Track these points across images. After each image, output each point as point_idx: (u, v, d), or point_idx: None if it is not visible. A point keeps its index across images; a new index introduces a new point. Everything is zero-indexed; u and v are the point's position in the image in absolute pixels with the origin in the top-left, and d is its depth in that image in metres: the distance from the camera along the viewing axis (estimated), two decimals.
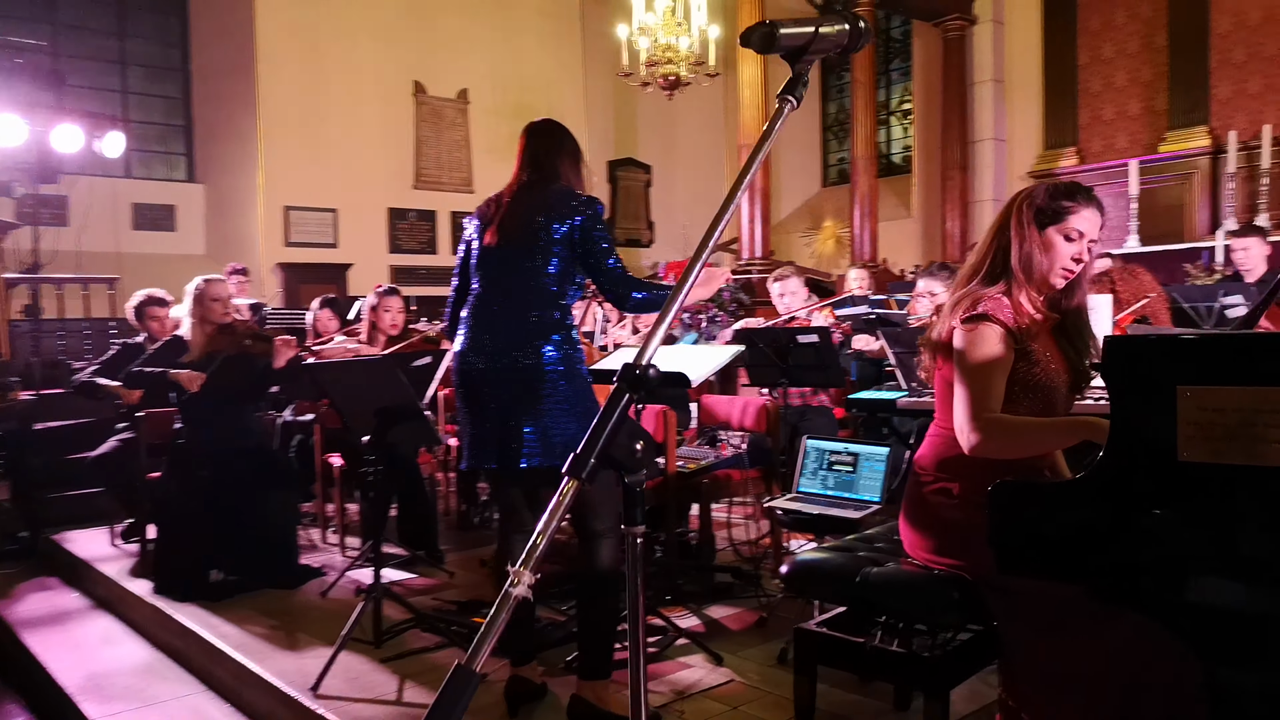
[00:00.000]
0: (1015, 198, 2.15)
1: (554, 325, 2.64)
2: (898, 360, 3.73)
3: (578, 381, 2.64)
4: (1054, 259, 2.07)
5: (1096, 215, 2.08)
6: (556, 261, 2.63)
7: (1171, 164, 9.12)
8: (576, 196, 2.68)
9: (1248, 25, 8.87)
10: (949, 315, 2.08)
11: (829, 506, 3.12)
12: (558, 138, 2.80)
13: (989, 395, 1.98)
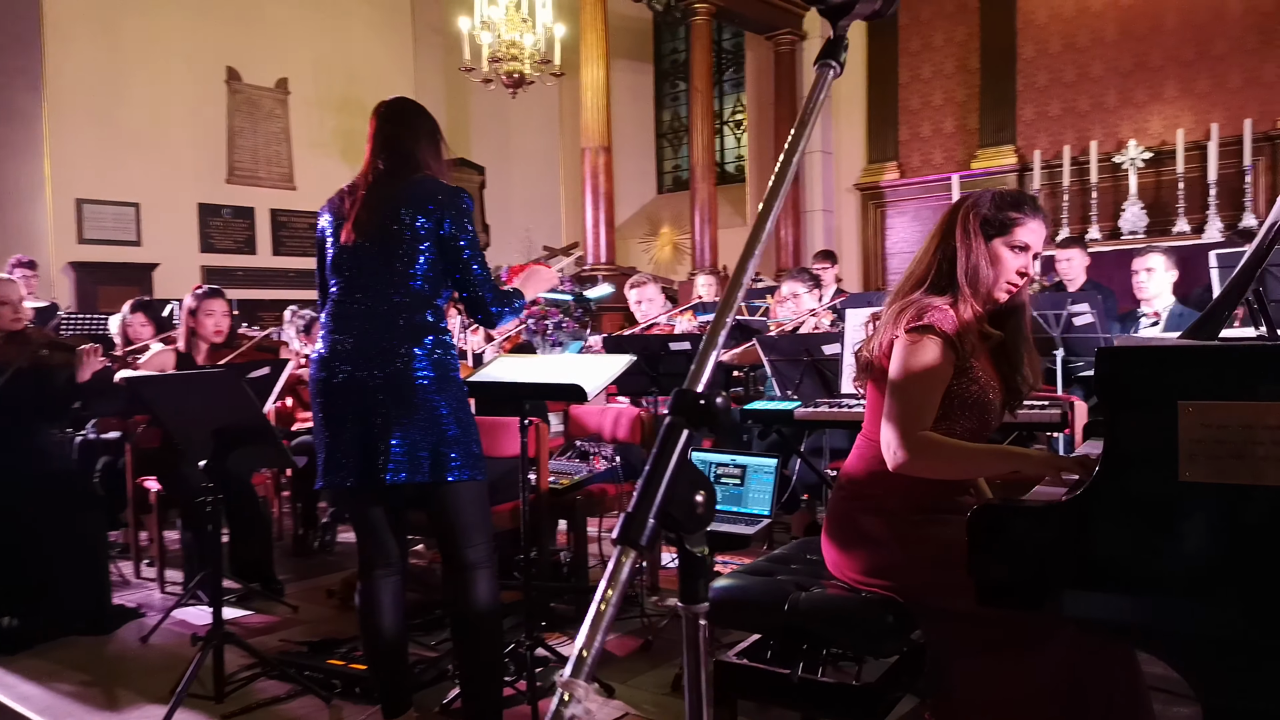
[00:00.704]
0: (960, 205, 2.06)
1: (425, 328, 2.38)
2: (774, 368, 3.67)
3: (452, 390, 2.39)
4: (1000, 272, 2.00)
5: (1042, 227, 2.02)
6: (424, 259, 2.38)
7: (983, 180, 9.70)
8: (443, 188, 2.43)
9: (1049, 53, 9.57)
10: (891, 324, 1.98)
11: (720, 522, 3.00)
12: (415, 120, 2.52)
13: (924, 410, 1.90)
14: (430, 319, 2.40)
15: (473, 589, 2.39)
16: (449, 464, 2.33)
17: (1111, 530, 1.24)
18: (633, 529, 0.82)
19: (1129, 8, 9.10)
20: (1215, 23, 8.66)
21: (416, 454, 2.31)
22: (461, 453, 2.35)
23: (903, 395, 1.90)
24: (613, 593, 0.80)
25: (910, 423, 1.89)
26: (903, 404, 1.90)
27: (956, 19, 10.10)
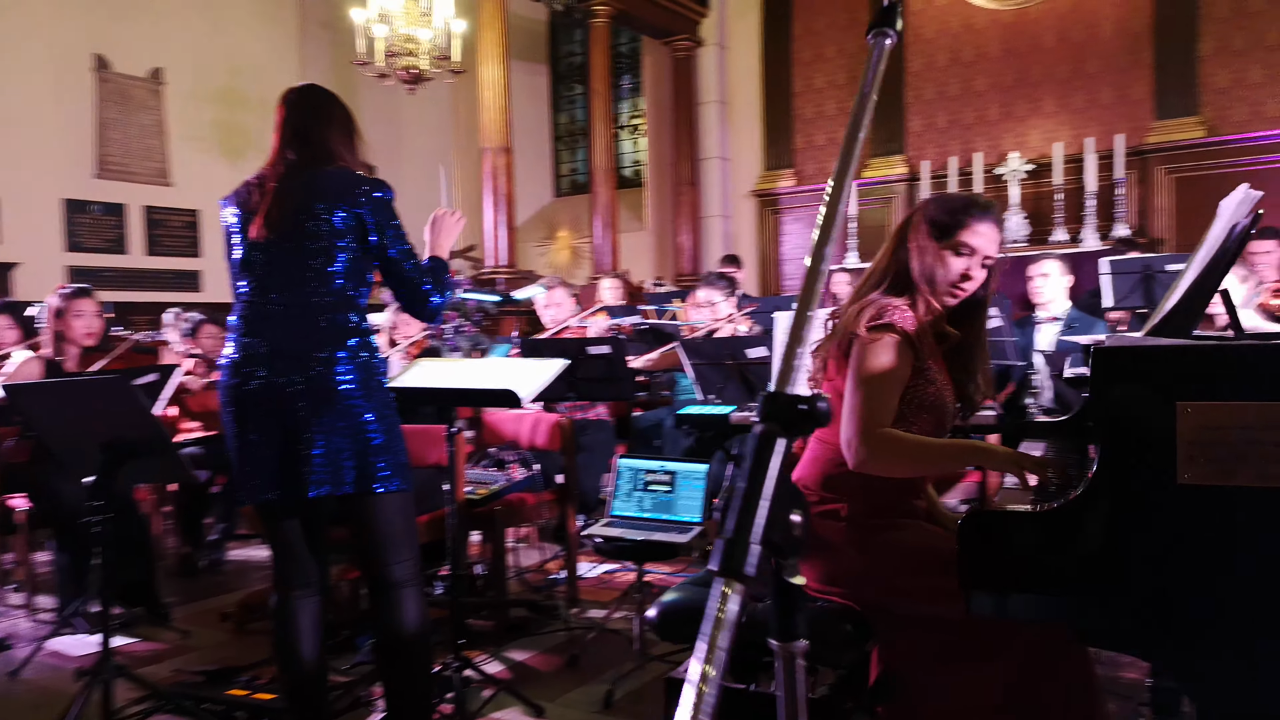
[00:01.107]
0: (914, 209, 2.09)
1: (348, 330, 2.23)
2: (697, 372, 3.62)
3: (378, 396, 2.24)
4: (944, 274, 1.99)
5: (993, 230, 2.00)
6: (343, 256, 2.23)
7: (876, 188, 9.97)
8: (361, 179, 2.28)
9: (936, 66, 9.90)
10: (852, 322, 1.94)
11: (651, 531, 2.92)
12: (325, 107, 2.36)
13: (884, 409, 1.87)
14: (353, 320, 2.24)
15: (400, 609, 2.23)
16: (376, 474, 2.18)
17: (1109, 532, 1.21)
18: (735, 557, 0.72)
19: (1010, 26, 9.50)
20: (1089, 42, 9.13)
21: (340, 464, 2.15)
22: (389, 462, 2.20)
23: (863, 394, 1.87)
24: (721, 639, 0.69)
25: (871, 420, 1.85)
26: (863, 402, 1.86)
27: (848, 31, 10.34)
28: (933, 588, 1.81)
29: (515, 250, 8.78)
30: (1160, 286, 4.74)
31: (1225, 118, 8.58)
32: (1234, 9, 8.50)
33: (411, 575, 2.26)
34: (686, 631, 1.98)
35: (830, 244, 0.89)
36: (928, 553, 1.88)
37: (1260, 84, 8.42)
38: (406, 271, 2.26)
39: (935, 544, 1.92)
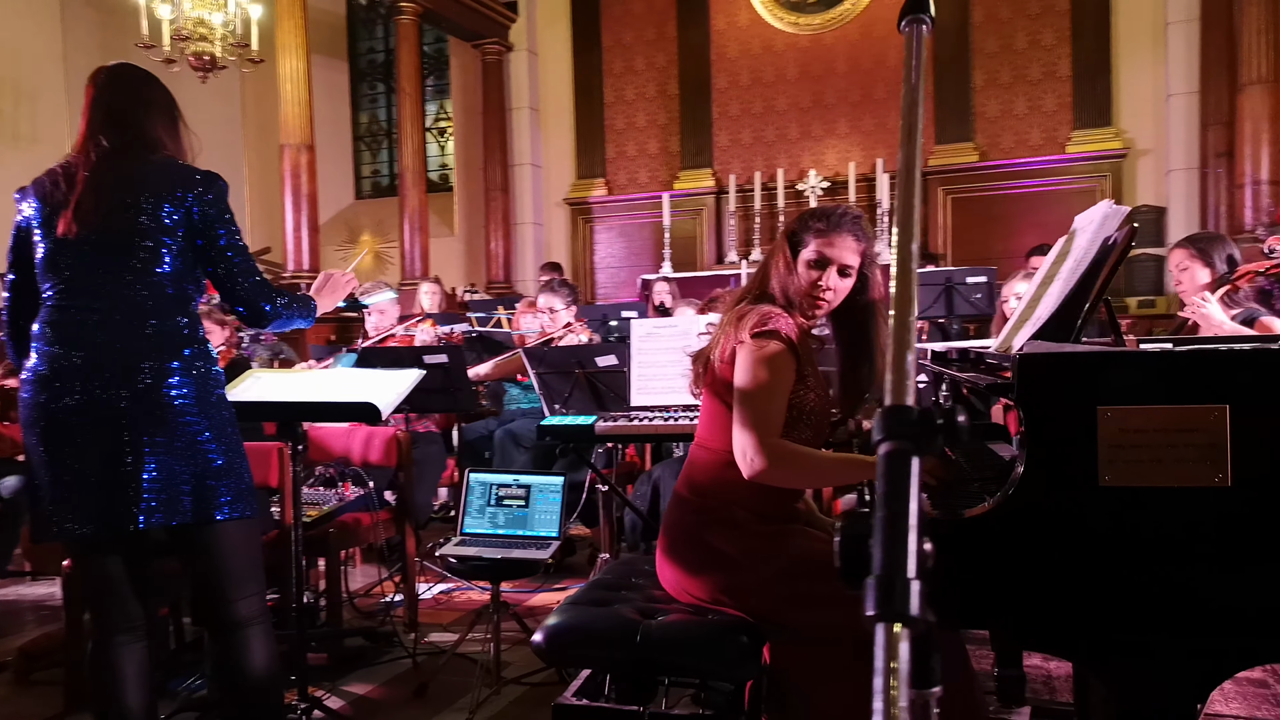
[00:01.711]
0: (786, 224, 2.10)
1: (180, 338, 1.99)
2: (541, 381, 3.52)
3: (216, 412, 2.01)
4: (798, 285, 2.00)
5: (848, 240, 1.99)
6: (170, 256, 1.99)
7: (685, 200, 10.21)
8: (192, 171, 2.06)
9: (740, 85, 10.28)
10: (734, 330, 1.92)
11: (509, 548, 2.79)
12: (145, 90, 2.11)
13: (774, 416, 1.87)
14: (185, 327, 2.00)
15: (248, 650, 2.00)
16: (216, 499, 1.95)
17: (1034, 538, 1.24)
18: (896, 597, 0.64)
19: (806, 50, 10.02)
20: (876, 69, 9.78)
21: (176, 490, 1.91)
22: (232, 486, 1.97)
23: (752, 402, 1.86)
24: (901, 695, 0.61)
25: (764, 429, 1.85)
26: (753, 410, 1.85)
27: (657, 45, 10.55)
28: (827, 595, 1.82)
29: (318, 253, 8.29)
30: (960, 298, 5.12)
31: (995, 144, 9.44)
32: (1001, 46, 9.37)
33: (259, 612, 2.04)
34: (576, 655, 1.89)
35: (914, 241, 0.84)
36: (820, 560, 1.89)
37: (1024, 115, 9.33)
38: (236, 270, 2.04)
39: (821, 549, 1.93)
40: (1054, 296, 1.71)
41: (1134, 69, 8.95)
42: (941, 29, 9.43)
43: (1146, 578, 1.21)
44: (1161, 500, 1.21)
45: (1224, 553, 1.19)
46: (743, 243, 10.08)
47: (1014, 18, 9.32)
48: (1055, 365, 1.26)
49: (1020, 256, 8.45)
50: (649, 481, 3.69)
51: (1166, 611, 1.21)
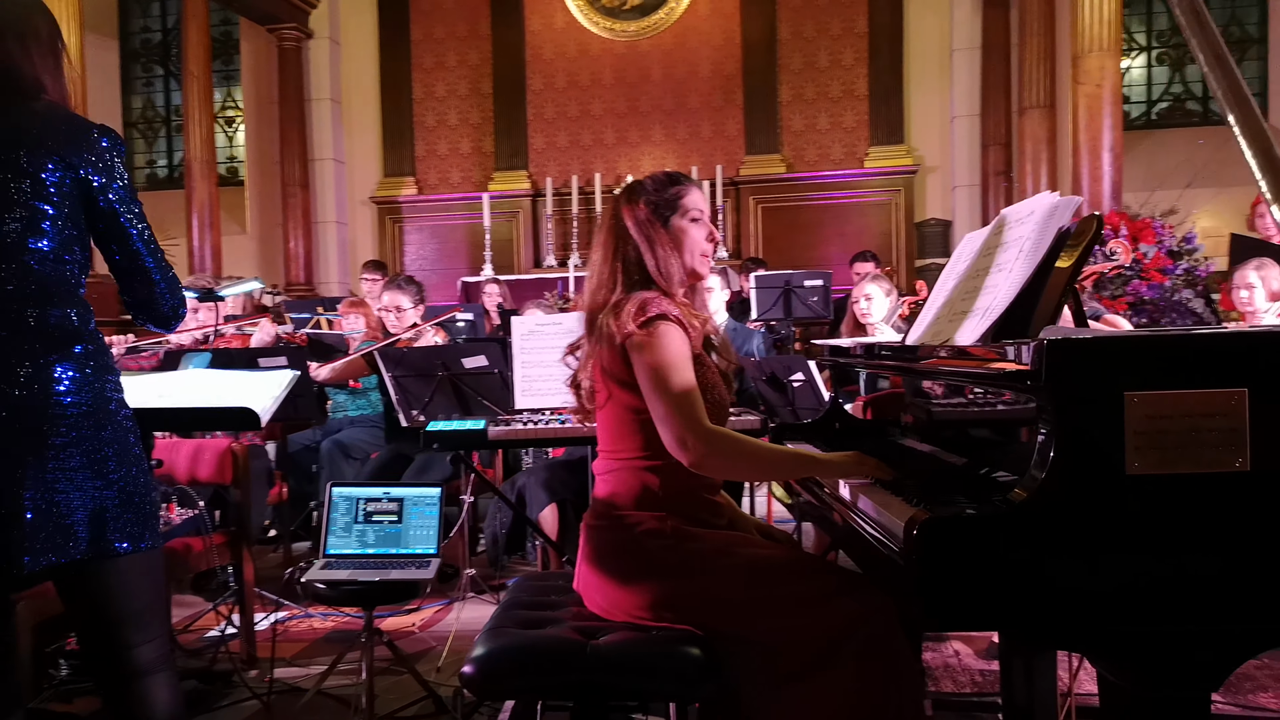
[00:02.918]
0: (615, 207, 1.94)
1: (70, 332, 1.63)
2: (397, 384, 3.25)
3: (114, 424, 1.66)
4: (690, 245, 1.92)
5: (703, 196, 1.98)
6: (55, 229, 1.62)
7: (501, 202, 9.96)
8: (86, 124, 1.68)
9: (556, 87, 10.17)
10: (615, 326, 1.78)
11: (385, 569, 2.51)
12: (23, 18, 1.70)
13: (695, 398, 1.77)
14: (75, 318, 1.64)
15: (150, 703, 1.66)
16: (118, 529, 1.61)
17: (1062, 532, 1.20)
18: None
19: (621, 56, 10.06)
20: (690, 79, 9.97)
21: (70, 520, 1.56)
22: (134, 512, 1.62)
23: (667, 389, 1.74)
24: None
25: (693, 413, 1.74)
26: (674, 398, 1.74)
27: (469, 42, 10.25)
28: (782, 600, 1.73)
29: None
30: (798, 300, 5.24)
31: (801, 157, 9.86)
32: (805, 63, 9.80)
33: (162, 657, 1.69)
34: (515, 684, 1.69)
35: None
36: (771, 563, 1.79)
37: (827, 130, 9.80)
38: (140, 251, 1.68)
39: (764, 554, 1.84)
40: (1009, 287, 1.69)
41: (923, 91, 9.62)
42: (749, 44, 9.76)
43: (1172, 566, 1.19)
44: (1186, 486, 1.20)
45: (1244, 537, 1.19)
46: (560, 246, 9.96)
47: (817, 37, 9.78)
48: (1083, 350, 1.22)
49: (825, 264, 8.87)
50: (513, 491, 3.49)
51: (1192, 600, 1.20)
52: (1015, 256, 1.75)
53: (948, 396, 1.76)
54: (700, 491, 1.91)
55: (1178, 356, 1.22)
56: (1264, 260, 3.81)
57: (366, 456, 4.42)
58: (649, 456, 1.85)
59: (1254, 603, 1.19)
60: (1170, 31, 9.80)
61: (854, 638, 1.71)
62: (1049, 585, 1.19)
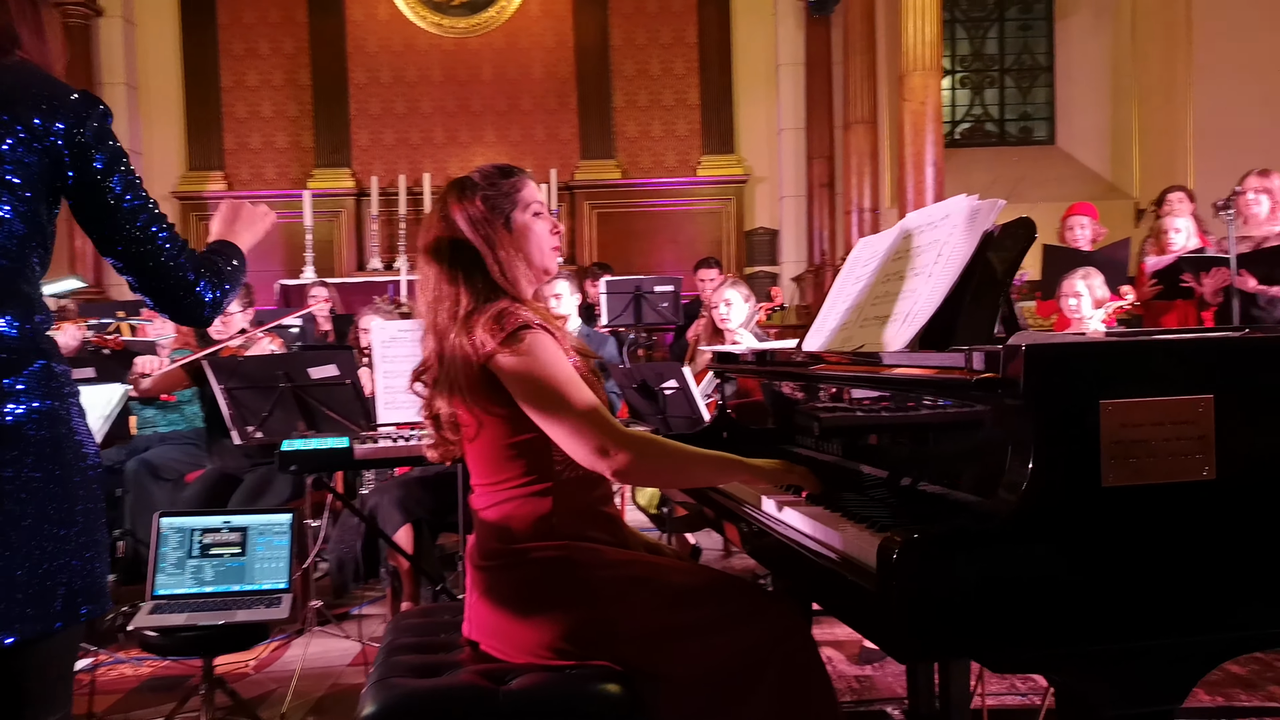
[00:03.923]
0: (443, 206, 1.73)
1: (24, 343, 1.30)
2: (230, 397, 2.90)
3: (77, 456, 1.33)
4: (538, 241, 1.75)
5: (538, 187, 1.83)
6: (14, 208, 1.29)
7: (322, 201, 9.37)
8: (59, 89, 1.35)
9: (381, 82, 9.71)
10: (471, 348, 1.60)
11: (229, 609, 2.19)
12: None
13: (595, 401, 1.62)
14: (29, 326, 1.30)
15: None
16: (68, 598, 1.29)
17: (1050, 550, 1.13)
18: None
19: (451, 53, 9.73)
20: (522, 80, 9.77)
21: (39, 586, 1.25)
22: (88, 576, 1.31)
23: (567, 402, 1.58)
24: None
25: (605, 419, 1.60)
26: (578, 409, 1.58)
27: (283, 30, 9.62)
28: (708, 622, 1.61)
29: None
30: (649, 306, 5.17)
31: (635, 163, 9.87)
32: (638, 70, 9.83)
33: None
34: None
35: None
36: (670, 588, 1.67)
37: (660, 137, 9.86)
38: (153, 239, 1.35)
39: (675, 579, 1.72)
40: (932, 292, 1.64)
41: (751, 103, 9.85)
42: (582, 48, 9.69)
43: (1146, 581, 1.16)
44: (1157, 497, 1.16)
45: (1212, 547, 1.16)
46: (386, 249, 9.50)
47: (649, 44, 9.83)
48: (1063, 356, 1.16)
49: (659, 270, 8.90)
50: (364, 510, 3.20)
51: (1169, 613, 1.16)
52: (934, 260, 1.70)
53: (847, 404, 1.69)
54: (597, 506, 1.77)
55: (1151, 362, 1.18)
56: (1088, 269, 4.06)
57: (180, 477, 3.97)
58: (536, 480, 1.68)
59: (1226, 612, 1.17)
60: (971, 57, 10.51)
61: (771, 661, 1.62)
62: (1029, 608, 1.12)
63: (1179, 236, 4.68)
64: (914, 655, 1.13)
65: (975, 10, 10.42)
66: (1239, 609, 1.17)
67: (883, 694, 2.70)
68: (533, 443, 1.67)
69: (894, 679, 2.79)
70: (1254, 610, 1.17)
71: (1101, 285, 3.97)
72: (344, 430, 2.69)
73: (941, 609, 1.10)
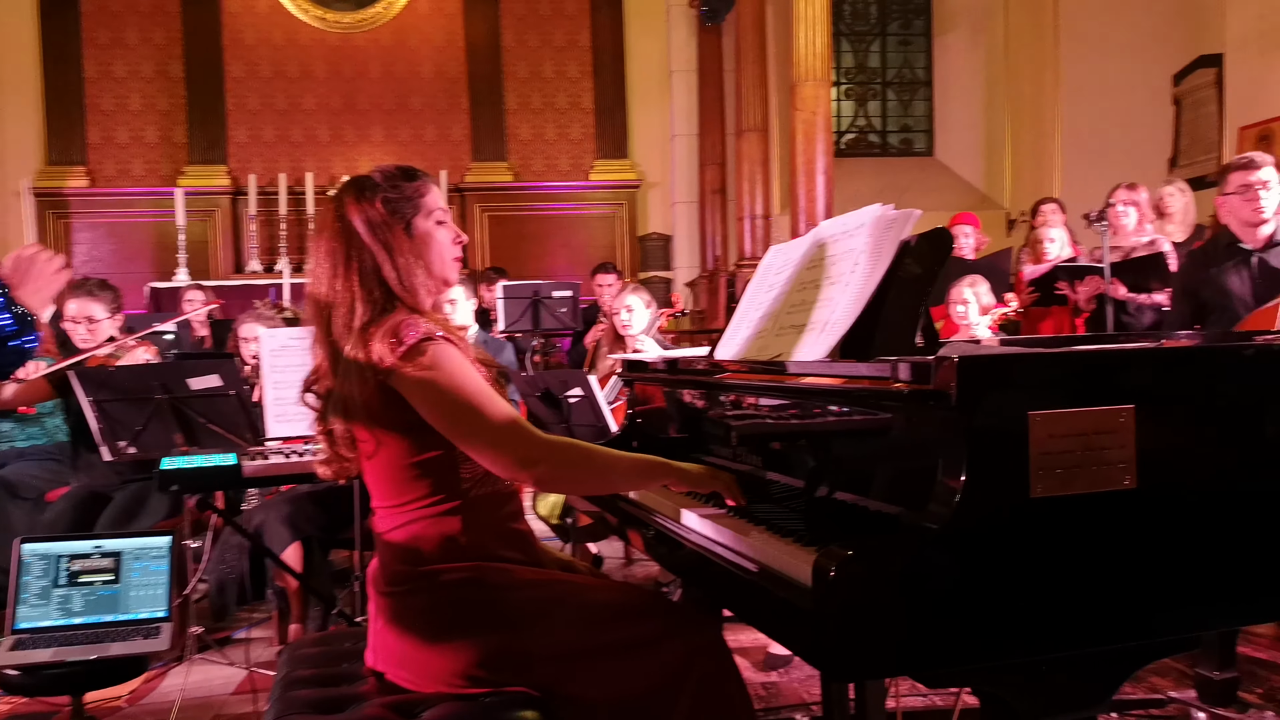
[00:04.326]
0: (338, 207, 1.64)
1: None
2: (99, 410, 2.69)
3: None
4: (439, 250, 1.67)
5: (441, 193, 1.75)
6: None
7: (196, 199, 8.91)
8: None
9: (260, 76, 9.30)
10: (367, 362, 1.51)
11: (101, 642, 2.01)
12: None
13: (515, 414, 1.56)
14: None
15: None
16: None
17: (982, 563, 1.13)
18: None
19: (336, 48, 9.41)
20: (411, 79, 9.52)
21: None
22: None
23: (482, 414, 1.52)
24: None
25: (523, 427, 1.55)
26: (493, 419, 1.52)
27: (154, 19, 9.11)
28: (604, 648, 1.56)
29: None
30: (547, 312, 5.09)
31: (528, 166, 9.75)
32: (531, 72, 9.71)
33: None
34: None
35: None
36: (586, 608, 1.62)
37: (554, 140, 9.77)
38: None
39: (591, 598, 1.66)
40: (849, 301, 1.63)
41: (645, 108, 9.87)
42: (474, 48, 9.51)
43: (1076, 591, 1.17)
44: (1083, 507, 1.17)
45: (1135, 555, 1.18)
46: (265, 250, 9.10)
47: (541, 47, 9.73)
48: (995, 368, 1.16)
49: (552, 275, 8.82)
50: (249, 528, 3.01)
51: (1093, 622, 1.18)
52: (851, 269, 1.69)
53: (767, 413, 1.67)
54: (507, 524, 1.70)
55: (1076, 373, 1.19)
56: (975, 277, 4.19)
57: (40, 496, 3.67)
58: (443, 499, 1.60)
59: (1149, 619, 1.19)
60: (855, 69, 10.81)
61: (690, 676, 1.59)
62: (964, 623, 1.11)
63: (1054, 246, 4.90)
64: (852, 675, 1.10)
65: (859, 24, 10.73)
66: (1161, 615, 1.19)
67: (790, 700, 2.70)
68: (438, 460, 1.59)
69: (800, 685, 2.79)
70: (1174, 616, 1.19)
71: (987, 292, 4.10)
72: (229, 445, 2.52)
73: (878, 627, 1.07)
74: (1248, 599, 1.21)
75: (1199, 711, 2.23)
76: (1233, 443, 1.25)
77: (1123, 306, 4.31)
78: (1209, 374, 1.25)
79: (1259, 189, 2.95)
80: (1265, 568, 1.21)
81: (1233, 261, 3.09)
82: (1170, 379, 1.22)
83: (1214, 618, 1.24)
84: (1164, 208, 4.89)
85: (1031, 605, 1.14)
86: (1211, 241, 3.36)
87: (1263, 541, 1.21)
